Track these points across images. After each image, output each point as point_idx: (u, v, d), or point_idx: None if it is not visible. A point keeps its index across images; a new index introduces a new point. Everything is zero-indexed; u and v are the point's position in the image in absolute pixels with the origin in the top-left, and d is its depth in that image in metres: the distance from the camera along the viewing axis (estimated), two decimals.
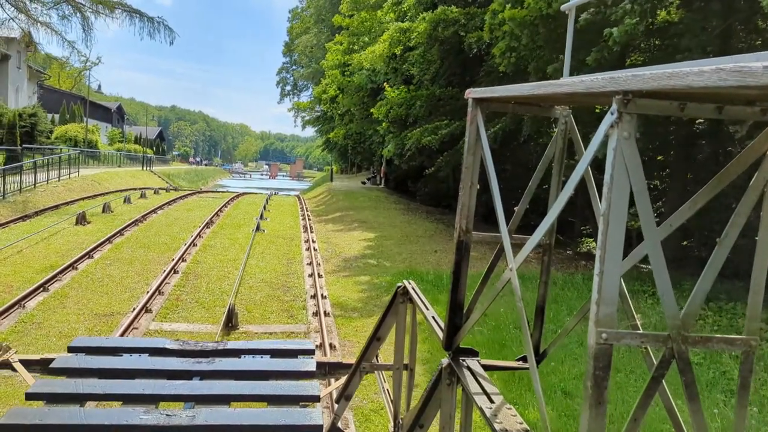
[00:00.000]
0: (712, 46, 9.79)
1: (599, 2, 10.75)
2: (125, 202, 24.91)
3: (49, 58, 32.27)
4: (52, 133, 37.34)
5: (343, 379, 5.18)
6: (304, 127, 67.62)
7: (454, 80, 21.03)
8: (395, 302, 4.44)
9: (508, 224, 2.75)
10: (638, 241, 2.05)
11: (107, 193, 28.38)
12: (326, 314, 11.42)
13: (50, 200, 22.56)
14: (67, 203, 22.85)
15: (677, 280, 12.79)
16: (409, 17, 19.55)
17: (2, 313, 10.03)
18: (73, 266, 13.51)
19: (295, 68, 74.23)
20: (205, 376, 4.18)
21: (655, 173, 17.20)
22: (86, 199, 25.14)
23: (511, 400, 6.76)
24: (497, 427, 2.37)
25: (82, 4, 24.58)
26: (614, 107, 1.64)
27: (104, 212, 21.44)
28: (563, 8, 3.43)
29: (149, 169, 49.86)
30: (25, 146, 27.61)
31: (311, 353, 4.74)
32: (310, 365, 4.42)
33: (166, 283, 12.77)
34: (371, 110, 23.12)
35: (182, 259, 14.88)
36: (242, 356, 4.58)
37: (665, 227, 2.06)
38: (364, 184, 43.45)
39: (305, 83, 71.03)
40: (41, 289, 11.64)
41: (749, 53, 2.02)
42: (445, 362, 3.06)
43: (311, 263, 15.36)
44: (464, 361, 3.02)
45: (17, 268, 13.24)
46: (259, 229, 19.88)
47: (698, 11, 10.15)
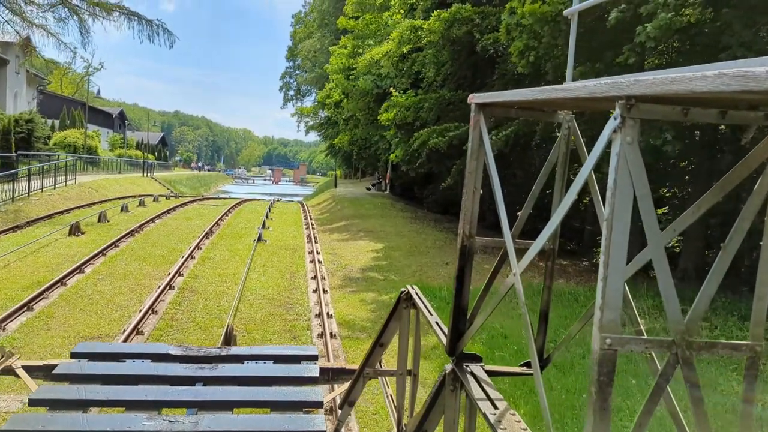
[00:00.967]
0: (759, 44, 8.91)
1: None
2: (122, 210, 24.07)
3: (50, 63, 31.41)
4: (50, 139, 36.56)
5: (346, 384, 5.11)
6: (307, 132, 66.95)
7: (464, 83, 20.18)
8: (398, 307, 4.40)
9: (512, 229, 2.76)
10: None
11: (105, 201, 27.55)
12: (332, 336, 10.54)
13: (44, 209, 21.72)
14: (61, 212, 22.00)
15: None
16: (417, 16, 18.68)
17: None
18: (61, 282, 12.67)
19: (298, 73, 73.65)
20: (208, 382, 4.17)
21: (676, 180, 16.34)
22: (82, 207, 24.30)
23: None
24: None
25: (78, 6, 23.84)
26: (617, 112, 1.64)
27: (100, 222, 20.60)
28: (566, 13, 3.38)
29: (150, 175, 49.05)
30: (20, 153, 26.81)
31: (314, 359, 4.73)
32: (313, 371, 4.42)
33: (160, 300, 11.91)
34: (377, 115, 22.28)
35: (179, 273, 14.01)
36: (245, 362, 4.56)
37: (668, 232, 2.00)
38: (368, 190, 42.57)
39: (308, 88, 70.41)
40: (25, 308, 10.79)
41: (753, 58, 1.98)
42: (448, 368, 3.05)
43: (315, 277, 14.48)
44: (468, 366, 3.00)
45: (2, 284, 12.39)
46: (260, 239, 19.01)
47: (741, 6, 9.26)
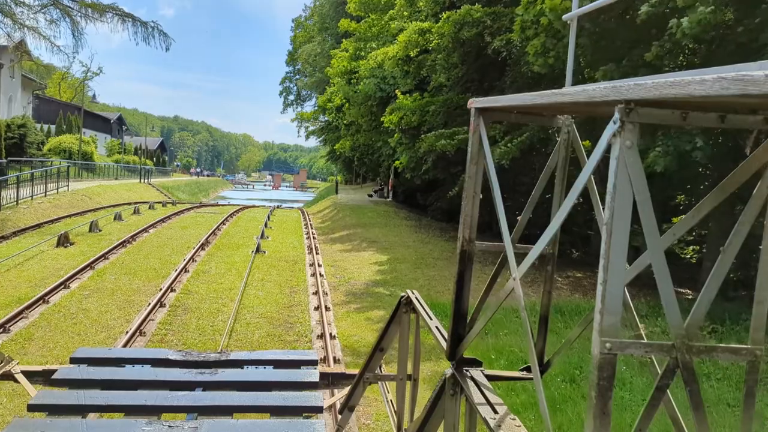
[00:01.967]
0: None
1: None
2: (116, 219, 23.13)
3: (41, 66, 30.58)
4: (44, 144, 35.66)
5: (346, 389, 5.15)
6: (307, 137, 66.12)
7: (471, 87, 19.31)
8: (398, 312, 4.40)
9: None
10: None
11: (98, 209, 26.63)
12: (336, 360, 9.61)
13: (33, 218, 20.80)
14: (51, 221, 21.08)
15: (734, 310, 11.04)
16: (423, 18, 17.82)
17: None
18: (44, 299, 11.75)
19: (298, 77, 72.95)
20: (207, 387, 4.17)
21: (697, 187, 15.49)
22: (74, 216, 23.38)
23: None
24: None
25: (70, 7, 23.01)
26: (617, 116, 1.63)
27: (91, 231, 19.69)
28: (565, 18, 3.32)
29: (147, 181, 48.13)
30: (11, 159, 25.92)
31: (314, 363, 4.75)
32: (313, 376, 4.44)
33: (149, 320, 11.00)
34: (381, 119, 21.39)
35: (171, 288, 13.09)
36: (245, 367, 4.57)
37: (668, 236, 2.02)
38: (371, 197, 41.67)
39: (309, 93, 69.70)
40: (0, 330, 9.89)
41: (752, 62, 1.95)
42: (448, 372, 3.05)
43: (317, 292, 13.56)
44: (468, 371, 3.00)
45: None
46: (259, 250, 18.09)
47: None
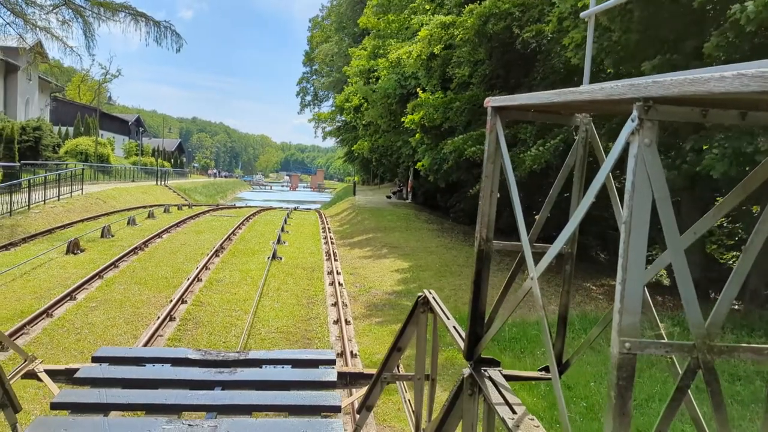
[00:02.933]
0: None
1: None
2: (129, 223, 22.51)
3: (54, 68, 30.21)
4: (60, 147, 35.29)
5: (364, 389, 5.14)
6: (324, 138, 65.72)
7: (497, 84, 18.36)
8: (416, 312, 4.41)
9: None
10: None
11: (112, 212, 26.05)
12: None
13: (44, 223, 20.23)
14: (62, 227, 20.49)
15: None
16: (445, 11, 16.89)
17: None
18: (47, 312, 11.08)
19: (315, 78, 72.57)
20: (226, 386, 4.22)
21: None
22: (86, 220, 22.81)
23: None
24: None
25: (82, 7, 22.45)
26: (635, 114, 1.62)
27: (103, 237, 19.06)
28: (583, 15, 3.30)
29: (164, 183, 47.65)
30: (24, 162, 25.44)
31: (332, 363, 4.83)
32: (331, 375, 4.52)
33: (158, 335, 10.28)
34: (401, 119, 20.52)
35: (182, 300, 12.35)
36: (263, 366, 4.62)
37: (689, 235, 1.95)
38: (389, 198, 40.79)
39: (326, 93, 69.26)
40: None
41: None
42: (466, 372, 3.00)
43: (336, 303, 12.75)
44: (486, 371, 2.95)
45: None
46: (275, 257, 17.32)
47: None
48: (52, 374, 4.80)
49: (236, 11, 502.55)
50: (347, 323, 11.51)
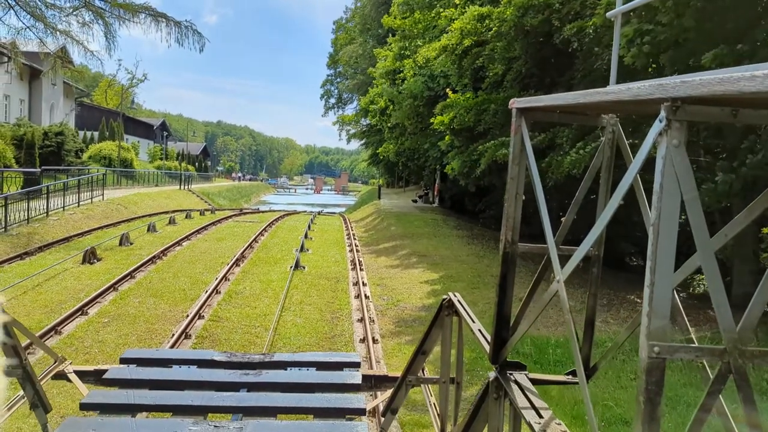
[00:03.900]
0: None
1: None
2: (149, 230, 21.91)
3: (75, 72, 29.94)
4: (83, 152, 35.04)
5: (389, 392, 5.14)
6: (349, 140, 65.03)
7: (531, 83, 17.34)
8: (441, 315, 4.37)
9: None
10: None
11: (132, 219, 25.54)
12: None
13: (62, 231, 19.69)
14: (80, 234, 19.93)
15: None
16: (480, 3, 15.89)
17: None
18: (56, 329, 10.41)
19: (339, 80, 72.08)
20: (252, 387, 4.24)
21: None
22: (106, 227, 22.27)
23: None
24: None
25: (103, 9, 21.95)
26: (663, 114, 1.59)
27: (121, 245, 18.45)
28: (609, 15, 3.20)
29: (188, 187, 47.28)
30: (45, 168, 25.07)
31: (357, 366, 4.86)
32: (355, 378, 4.52)
33: None
34: (429, 120, 19.57)
35: (199, 315, 11.59)
36: (288, 368, 4.65)
37: (719, 237, 1.95)
38: (415, 202, 39.85)
39: (350, 95, 68.72)
40: None
41: None
42: (492, 376, 2.99)
43: (362, 319, 11.87)
44: (512, 374, 2.93)
45: None
46: (298, 266, 16.52)
47: None
48: (81, 375, 4.92)
49: (260, 15, 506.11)
50: (375, 342, 10.63)
